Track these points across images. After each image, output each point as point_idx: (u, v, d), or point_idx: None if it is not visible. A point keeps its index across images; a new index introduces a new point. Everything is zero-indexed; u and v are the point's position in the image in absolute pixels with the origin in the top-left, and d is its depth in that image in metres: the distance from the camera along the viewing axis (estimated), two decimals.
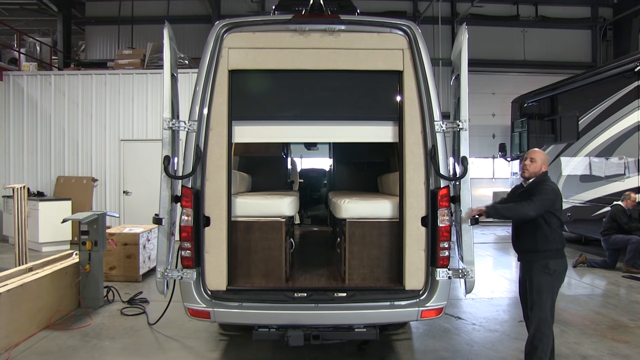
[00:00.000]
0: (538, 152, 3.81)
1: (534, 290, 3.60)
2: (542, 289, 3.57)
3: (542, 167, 3.75)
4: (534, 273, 3.62)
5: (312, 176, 9.28)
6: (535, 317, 3.57)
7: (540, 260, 3.61)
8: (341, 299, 3.67)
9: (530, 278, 3.66)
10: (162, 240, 3.71)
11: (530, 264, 3.67)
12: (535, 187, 3.67)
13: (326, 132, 4.14)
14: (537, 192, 3.62)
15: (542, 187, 3.65)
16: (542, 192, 3.61)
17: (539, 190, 3.63)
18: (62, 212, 8.92)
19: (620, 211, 7.89)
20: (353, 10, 4.53)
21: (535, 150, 3.87)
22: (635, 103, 8.04)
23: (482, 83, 14.58)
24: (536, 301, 3.58)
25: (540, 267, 3.60)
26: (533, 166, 3.74)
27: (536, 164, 3.74)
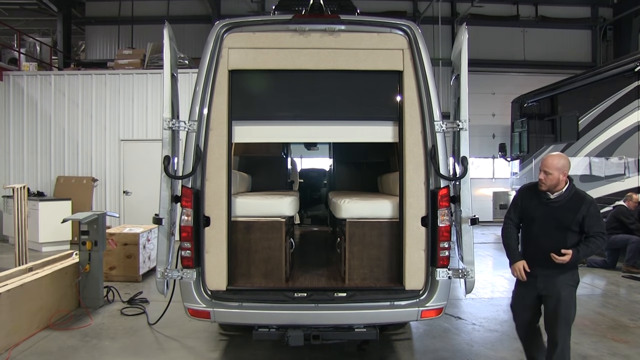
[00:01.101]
0: (552, 161, 3.30)
1: (563, 307, 3.30)
2: (570, 304, 3.32)
3: (560, 176, 3.30)
4: (562, 287, 3.32)
5: (312, 176, 9.28)
6: (562, 334, 3.30)
7: (567, 273, 3.34)
8: (341, 299, 3.67)
9: (555, 294, 3.33)
10: (162, 240, 3.71)
11: (553, 278, 3.35)
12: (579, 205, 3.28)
13: (326, 132, 4.14)
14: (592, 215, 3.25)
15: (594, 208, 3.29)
16: (599, 215, 3.31)
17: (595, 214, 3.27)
18: (62, 212, 8.92)
19: (625, 211, 7.88)
20: (353, 10, 4.54)
21: (548, 158, 3.35)
22: (635, 103, 8.04)
23: (482, 83, 14.58)
24: (565, 317, 3.30)
25: (567, 281, 3.34)
26: (550, 179, 3.32)
27: (553, 176, 3.29)
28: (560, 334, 3.30)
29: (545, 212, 3.37)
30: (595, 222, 3.27)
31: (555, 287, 3.33)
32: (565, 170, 3.32)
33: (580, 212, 3.26)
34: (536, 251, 3.40)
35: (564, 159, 3.36)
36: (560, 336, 3.30)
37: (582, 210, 3.26)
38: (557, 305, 3.31)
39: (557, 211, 3.33)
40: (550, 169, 3.30)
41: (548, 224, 3.36)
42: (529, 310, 3.53)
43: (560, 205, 3.33)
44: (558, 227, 3.32)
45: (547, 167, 3.31)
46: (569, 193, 3.34)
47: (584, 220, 3.27)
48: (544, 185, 3.35)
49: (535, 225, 3.42)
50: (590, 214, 3.27)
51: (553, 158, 3.34)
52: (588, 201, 3.30)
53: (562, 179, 3.32)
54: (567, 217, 3.30)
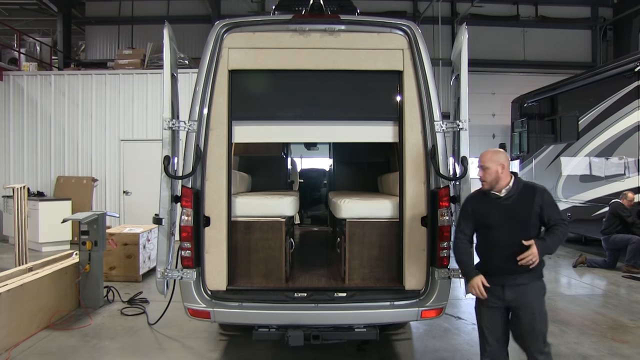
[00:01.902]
0: (487, 155, 3.13)
1: (539, 321, 3.00)
2: (544, 313, 3.05)
3: (499, 169, 3.07)
4: (534, 298, 3.02)
5: (312, 176, 9.28)
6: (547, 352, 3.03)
7: (536, 281, 3.06)
8: (341, 299, 3.67)
9: (528, 306, 3.01)
10: (162, 240, 3.71)
11: (524, 287, 3.02)
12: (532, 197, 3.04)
13: (326, 132, 4.14)
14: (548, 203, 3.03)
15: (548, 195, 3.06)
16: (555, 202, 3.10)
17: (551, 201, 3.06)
18: (62, 212, 8.91)
19: (620, 206, 7.89)
20: (353, 10, 4.54)
21: (483, 153, 3.18)
22: (635, 103, 8.04)
23: (482, 83, 14.59)
24: (543, 332, 3.03)
25: (539, 290, 3.06)
26: (488, 174, 3.08)
27: (490, 170, 3.07)
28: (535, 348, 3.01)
29: (500, 214, 3.07)
30: (553, 209, 3.05)
31: (527, 298, 3.01)
32: (503, 163, 3.08)
33: (535, 203, 3.01)
34: (500, 259, 3.04)
35: (501, 152, 3.17)
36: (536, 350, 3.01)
37: (537, 200, 3.02)
38: (532, 319, 3.00)
39: (512, 209, 3.05)
40: (487, 162, 3.09)
41: (507, 226, 3.04)
42: (501, 328, 3.14)
43: (513, 201, 3.06)
44: (519, 226, 3.03)
45: (484, 161, 3.10)
46: (517, 186, 3.09)
47: (542, 210, 3.01)
48: (486, 183, 3.11)
49: (494, 231, 3.08)
50: (546, 202, 3.03)
51: (488, 152, 3.15)
52: (541, 190, 3.08)
53: (503, 173, 3.07)
54: (525, 211, 3.02)
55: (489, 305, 3.12)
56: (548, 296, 6.41)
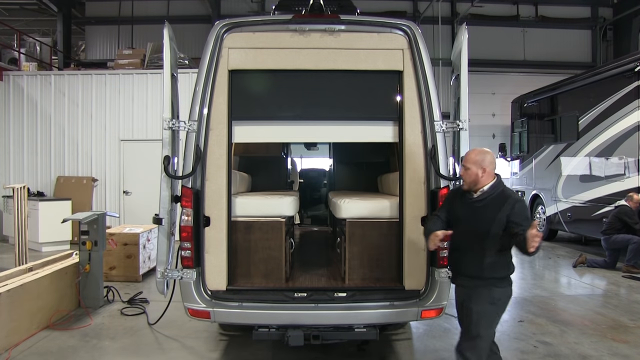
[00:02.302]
0: (471, 155, 3.07)
1: (472, 322, 3.00)
2: (480, 321, 2.99)
3: (479, 172, 2.99)
4: (476, 302, 3.00)
5: (312, 176, 9.28)
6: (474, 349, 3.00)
7: (482, 288, 3.00)
8: (341, 299, 3.67)
9: (469, 307, 3.04)
10: (162, 240, 3.71)
11: (470, 291, 3.05)
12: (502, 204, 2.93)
13: (326, 132, 4.14)
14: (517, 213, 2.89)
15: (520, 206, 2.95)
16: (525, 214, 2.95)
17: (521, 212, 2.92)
18: (62, 212, 8.91)
19: (628, 211, 7.84)
20: (353, 10, 4.53)
21: (468, 152, 3.14)
22: (635, 103, 8.03)
23: (482, 83, 14.59)
24: (472, 333, 3.00)
25: (482, 297, 3.00)
26: (468, 174, 3.03)
27: (470, 171, 3.01)
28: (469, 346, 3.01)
29: (467, 213, 3.06)
30: (523, 219, 2.88)
31: (472, 300, 3.02)
32: (485, 166, 2.99)
33: (502, 211, 2.89)
34: (459, 257, 3.11)
35: (486, 154, 3.05)
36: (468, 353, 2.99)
37: (506, 208, 2.89)
38: (469, 318, 3.03)
39: (479, 211, 2.99)
40: (468, 163, 3.03)
41: (469, 226, 3.03)
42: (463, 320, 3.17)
43: (483, 205, 2.99)
44: (480, 230, 2.97)
45: (466, 161, 3.06)
46: (492, 191, 3.00)
47: (508, 219, 2.88)
48: (465, 183, 3.08)
49: (459, 228, 3.09)
50: (516, 212, 2.89)
51: (473, 152, 3.08)
52: (513, 199, 2.94)
53: (483, 176, 2.99)
54: (488, 217, 2.94)
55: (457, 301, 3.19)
56: (548, 296, 6.44)
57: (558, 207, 10.21)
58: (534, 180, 11.43)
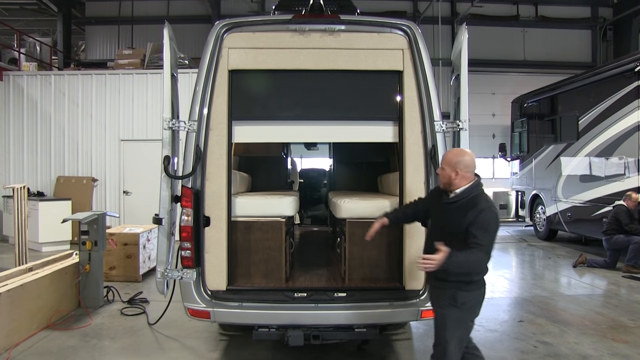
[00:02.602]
0: (447, 155, 3.04)
1: (438, 325, 2.97)
2: (446, 324, 2.91)
3: (452, 174, 2.93)
4: (440, 305, 2.96)
5: (312, 176, 9.28)
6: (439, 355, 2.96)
7: (447, 290, 2.91)
8: (341, 299, 3.67)
9: (435, 310, 3.02)
10: (162, 240, 3.71)
11: (438, 291, 3.01)
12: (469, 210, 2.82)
13: (326, 132, 4.14)
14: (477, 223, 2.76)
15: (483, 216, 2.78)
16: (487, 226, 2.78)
17: (482, 222, 2.76)
18: (62, 212, 8.92)
19: (622, 211, 7.87)
20: (353, 10, 4.54)
21: (446, 153, 3.11)
22: (635, 103, 8.04)
23: (482, 83, 14.59)
24: (440, 337, 2.94)
25: (446, 299, 2.92)
26: (442, 175, 3.00)
27: (444, 172, 2.97)
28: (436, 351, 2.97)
29: (439, 213, 3.07)
30: (479, 231, 2.75)
31: (438, 301, 3.00)
32: (459, 169, 2.90)
33: (467, 217, 2.79)
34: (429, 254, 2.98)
35: (463, 156, 2.97)
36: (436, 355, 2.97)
37: (470, 215, 2.79)
38: (435, 321, 3.01)
39: (449, 213, 2.95)
40: (443, 163, 3.01)
41: (439, 226, 3.04)
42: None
43: (454, 207, 2.92)
44: (446, 230, 2.93)
45: (442, 161, 3.05)
46: (465, 195, 2.91)
47: (467, 228, 2.78)
48: (440, 183, 3.06)
49: (431, 226, 3.13)
50: (477, 222, 2.76)
51: (451, 153, 3.06)
52: (479, 208, 2.80)
53: (456, 178, 2.92)
54: (455, 221, 2.86)
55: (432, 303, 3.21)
56: (548, 296, 6.44)
57: (558, 207, 10.21)
58: (534, 180, 11.43)
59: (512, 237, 12.03)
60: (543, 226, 11.19)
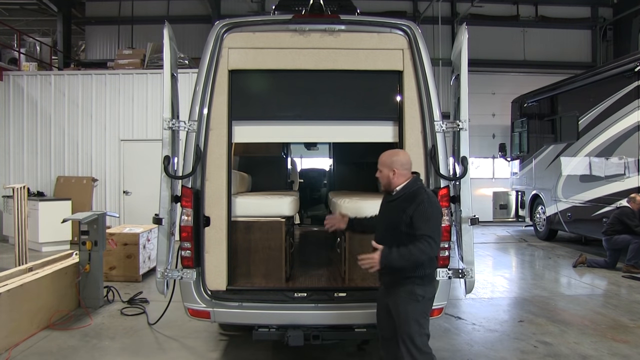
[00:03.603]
0: (382, 157, 3.10)
1: (402, 322, 2.95)
2: (409, 319, 2.93)
3: (390, 174, 3.01)
4: (401, 301, 2.96)
5: (312, 176, 9.28)
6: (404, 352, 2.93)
7: (406, 286, 2.94)
8: (341, 299, 3.67)
9: (395, 307, 3.00)
10: (162, 240, 3.71)
11: (394, 289, 3.00)
12: (409, 204, 2.90)
13: (326, 132, 4.14)
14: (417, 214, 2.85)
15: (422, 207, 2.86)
16: (426, 215, 2.86)
17: (421, 213, 2.85)
18: (62, 212, 8.91)
19: (629, 213, 7.83)
20: (353, 10, 4.54)
21: (381, 156, 3.13)
22: (635, 103, 8.04)
23: (482, 83, 14.56)
24: (405, 332, 2.93)
25: (405, 294, 2.94)
26: (381, 176, 3.08)
27: (382, 173, 3.06)
28: (403, 351, 2.94)
29: (383, 211, 3.14)
30: (421, 222, 2.86)
31: (396, 300, 2.98)
32: (396, 167, 3.01)
33: (407, 212, 2.89)
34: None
35: (396, 155, 3.08)
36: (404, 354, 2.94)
37: (410, 209, 2.89)
38: (397, 320, 2.99)
39: (390, 210, 3.04)
40: (379, 165, 3.08)
41: (384, 225, 3.06)
42: (386, 322, 3.14)
43: (395, 204, 3.01)
44: (390, 229, 2.98)
45: (379, 163, 3.09)
46: (404, 191, 3.00)
47: (411, 220, 2.88)
48: (381, 185, 3.12)
49: (377, 227, 3.14)
50: (417, 214, 2.86)
51: (384, 155, 3.11)
52: (419, 200, 2.91)
53: (394, 177, 3.01)
54: (397, 217, 2.94)
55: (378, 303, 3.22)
56: (548, 296, 6.44)
57: (558, 207, 10.21)
58: (534, 180, 11.43)
59: (512, 237, 12.03)
60: (543, 226, 11.19)
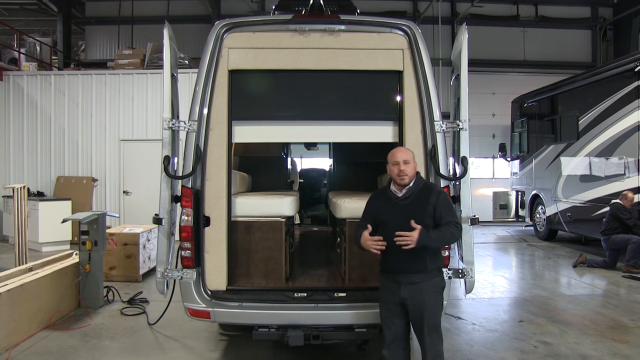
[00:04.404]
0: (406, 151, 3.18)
1: (428, 314, 3.05)
2: (437, 311, 3.10)
3: (416, 165, 3.19)
4: (427, 295, 3.05)
5: (312, 176, 9.28)
6: (431, 342, 3.05)
7: (430, 281, 3.07)
8: (341, 299, 3.67)
9: (420, 302, 3.05)
10: (162, 240, 3.71)
11: (418, 286, 3.06)
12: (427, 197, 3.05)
13: (326, 132, 4.14)
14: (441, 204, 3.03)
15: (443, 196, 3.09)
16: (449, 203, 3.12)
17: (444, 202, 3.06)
18: (62, 212, 8.91)
19: (620, 208, 7.88)
20: (353, 10, 4.54)
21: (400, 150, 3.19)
22: (635, 103, 8.04)
23: (482, 83, 14.57)
24: (432, 324, 3.06)
25: (432, 288, 3.08)
26: (410, 168, 3.10)
27: (412, 164, 3.11)
28: (429, 342, 3.06)
29: (395, 212, 3.10)
30: (446, 210, 3.05)
31: (421, 295, 3.05)
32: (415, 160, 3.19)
33: (430, 203, 3.03)
34: (395, 258, 3.07)
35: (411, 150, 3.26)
36: (430, 344, 3.06)
37: (432, 200, 3.04)
38: (422, 313, 3.05)
39: (407, 209, 3.06)
40: (408, 157, 3.11)
41: (401, 225, 3.00)
42: (399, 324, 3.17)
43: (410, 201, 3.09)
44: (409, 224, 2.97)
45: (405, 156, 3.11)
46: (416, 187, 3.12)
47: (435, 210, 3.03)
48: (406, 177, 3.08)
49: (388, 229, 3.06)
50: (440, 203, 3.04)
51: (405, 148, 3.26)
52: (437, 191, 3.12)
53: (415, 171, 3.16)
54: (419, 211, 3.03)
55: (387, 301, 3.19)
56: (548, 296, 6.44)
57: (558, 207, 10.21)
58: (534, 180, 11.43)
59: (512, 237, 12.03)
60: (543, 226, 11.19)
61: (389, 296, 3.18)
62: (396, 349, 3.19)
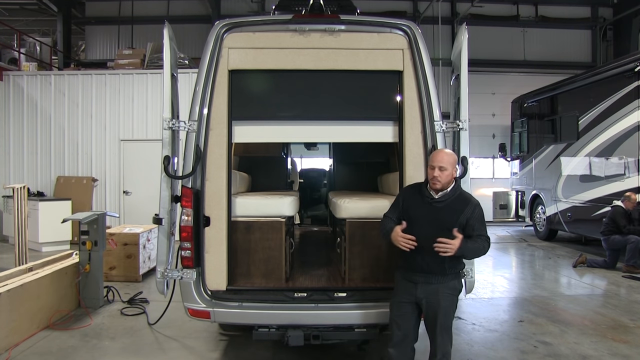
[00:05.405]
0: (446, 157, 3.11)
1: (442, 315, 3.08)
2: (450, 312, 3.14)
3: (453, 172, 3.11)
4: (442, 297, 3.09)
5: (312, 176, 9.28)
6: (442, 342, 3.10)
7: (448, 283, 3.13)
8: (341, 299, 3.67)
9: (436, 302, 3.09)
10: (162, 240, 3.71)
11: (435, 287, 3.11)
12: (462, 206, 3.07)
13: (326, 132, 4.14)
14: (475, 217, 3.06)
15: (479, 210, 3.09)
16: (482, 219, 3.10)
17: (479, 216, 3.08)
18: (62, 212, 8.91)
19: (619, 213, 7.87)
20: (353, 10, 4.54)
21: (440, 153, 3.16)
22: (635, 103, 8.04)
23: (482, 83, 14.56)
24: (443, 325, 3.10)
25: (449, 290, 3.13)
26: (445, 175, 3.06)
27: (448, 172, 3.06)
28: (440, 341, 3.10)
29: (427, 212, 3.11)
30: (479, 224, 3.07)
31: (437, 296, 3.09)
32: (455, 167, 3.15)
33: (464, 214, 3.05)
34: (416, 255, 3.09)
35: (455, 156, 3.19)
36: (440, 344, 3.10)
37: (467, 212, 3.05)
38: (436, 313, 3.09)
39: (440, 212, 3.09)
40: (445, 164, 3.06)
41: (430, 225, 3.06)
42: (409, 323, 3.19)
43: (444, 205, 3.09)
44: (439, 229, 3.02)
45: (442, 162, 3.06)
46: (454, 193, 3.12)
47: (467, 222, 3.05)
48: (439, 183, 3.07)
49: (416, 226, 3.09)
50: (475, 216, 3.06)
51: (446, 153, 3.14)
52: (473, 204, 3.11)
53: (452, 177, 3.12)
54: (450, 217, 3.05)
55: (400, 300, 3.20)
56: (548, 296, 6.44)
57: (558, 207, 10.22)
58: (534, 180, 11.43)
59: (512, 237, 12.03)
60: (543, 226, 11.19)
61: (403, 295, 3.20)
62: (404, 348, 3.21)
